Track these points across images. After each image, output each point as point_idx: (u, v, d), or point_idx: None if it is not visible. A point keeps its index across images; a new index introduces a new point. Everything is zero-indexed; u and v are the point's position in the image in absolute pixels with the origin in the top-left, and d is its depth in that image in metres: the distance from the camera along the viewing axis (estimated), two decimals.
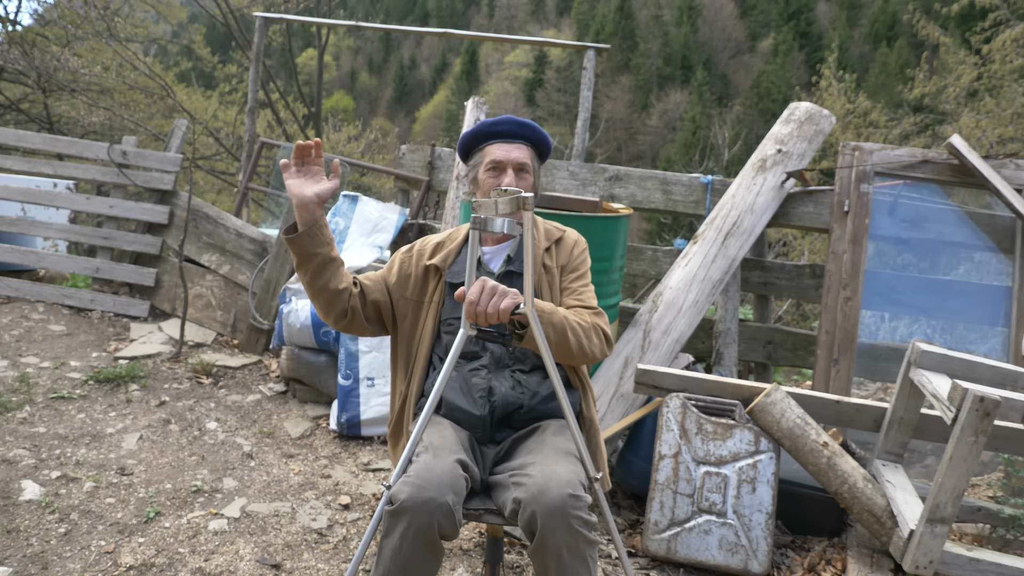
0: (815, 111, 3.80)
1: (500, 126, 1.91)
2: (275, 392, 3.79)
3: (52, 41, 10.99)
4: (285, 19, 6.53)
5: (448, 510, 1.50)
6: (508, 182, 1.85)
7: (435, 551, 1.53)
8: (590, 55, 5.27)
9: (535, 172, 1.93)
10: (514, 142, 1.91)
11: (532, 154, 1.93)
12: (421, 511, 1.48)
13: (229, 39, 12.90)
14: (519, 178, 1.88)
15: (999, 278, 3.55)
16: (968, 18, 14.93)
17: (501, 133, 1.91)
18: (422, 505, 1.48)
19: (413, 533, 1.49)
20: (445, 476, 1.54)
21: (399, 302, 1.92)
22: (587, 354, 1.74)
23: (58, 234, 4.75)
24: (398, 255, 1.98)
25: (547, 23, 58.77)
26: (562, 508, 1.48)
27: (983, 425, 2.01)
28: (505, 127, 1.91)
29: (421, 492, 1.49)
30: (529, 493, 1.52)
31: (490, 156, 1.89)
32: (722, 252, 3.44)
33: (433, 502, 1.49)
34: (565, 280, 1.92)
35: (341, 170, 5.23)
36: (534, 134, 1.93)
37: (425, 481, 1.51)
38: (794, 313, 9.33)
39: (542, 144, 1.96)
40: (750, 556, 2.46)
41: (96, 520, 2.52)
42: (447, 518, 1.50)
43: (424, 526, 1.49)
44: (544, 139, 1.95)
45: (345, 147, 16.19)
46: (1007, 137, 9.89)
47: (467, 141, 1.96)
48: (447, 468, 1.56)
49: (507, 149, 1.89)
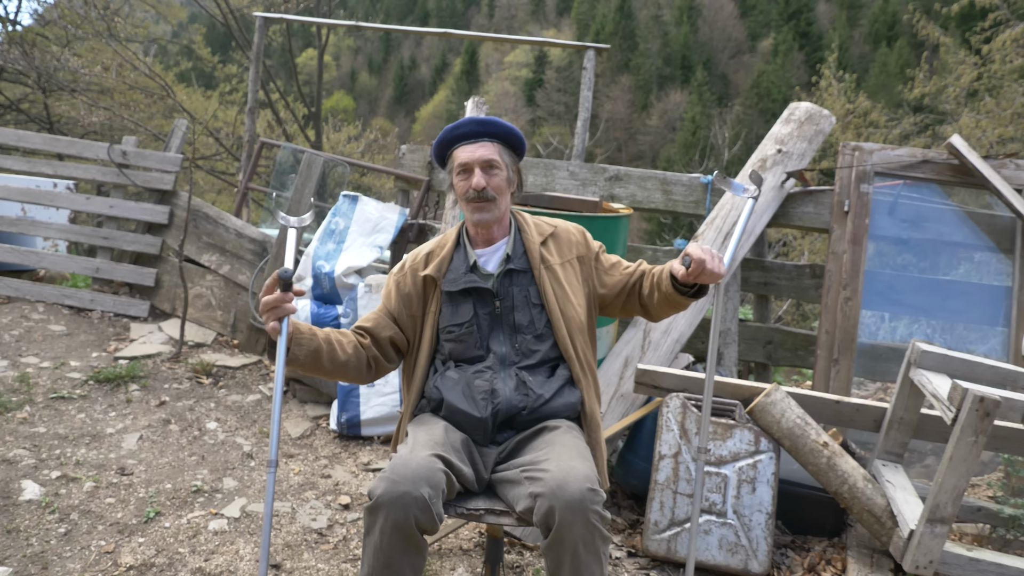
0: (815, 111, 3.80)
1: (461, 128, 1.89)
2: None
3: (52, 41, 10.99)
4: (285, 19, 6.53)
5: (424, 503, 1.51)
6: (476, 182, 1.84)
7: (416, 545, 1.54)
8: (590, 55, 5.27)
9: (508, 166, 1.90)
10: (478, 141, 1.89)
11: (501, 149, 1.90)
12: (396, 505, 1.50)
13: (229, 39, 12.89)
14: (489, 175, 1.86)
15: (999, 278, 3.55)
16: (968, 18, 14.92)
17: (464, 135, 1.90)
18: (397, 499, 1.50)
19: (391, 528, 1.51)
20: (420, 470, 1.55)
21: (407, 323, 1.92)
22: None
23: (58, 234, 4.75)
24: (391, 278, 1.97)
25: (547, 23, 58.76)
26: (581, 502, 1.49)
27: (983, 425, 2.01)
28: (466, 128, 1.89)
29: (396, 487, 1.51)
30: (547, 488, 1.53)
31: (457, 160, 1.89)
32: (722, 252, 3.44)
33: (408, 496, 1.50)
34: (600, 265, 1.95)
35: (341, 170, 5.25)
36: (497, 129, 1.90)
37: (400, 476, 1.53)
38: (794, 313, 9.33)
39: (509, 137, 1.91)
40: (750, 556, 2.46)
41: (96, 520, 2.52)
42: (423, 511, 1.51)
43: (401, 520, 1.50)
44: (510, 131, 1.91)
45: (345, 147, 16.19)
46: (1007, 137, 9.89)
47: (437, 150, 1.96)
48: (422, 462, 1.58)
49: (471, 150, 1.87)
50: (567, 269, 1.91)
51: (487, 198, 1.85)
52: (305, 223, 1.87)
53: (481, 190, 1.84)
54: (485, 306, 1.86)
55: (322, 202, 4.97)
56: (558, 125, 38.24)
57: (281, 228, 1.90)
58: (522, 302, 1.86)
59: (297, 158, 5.31)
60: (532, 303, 1.86)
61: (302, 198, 4.16)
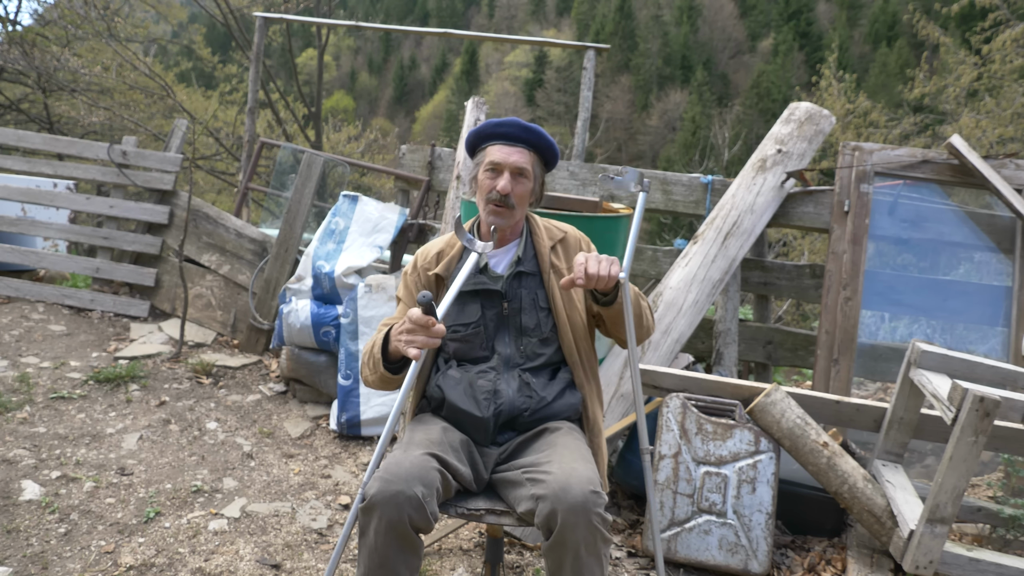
0: (815, 111, 3.80)
1: (503, 127, 1.87)
2: (275, 392, 3.79)
3: (52, 41, 10.98)
4: (285, 19, 6.53)
5: (418, 502, 1.51)
6: (503, 186, 1.81)
7: (411, 544, 1.54)
8: (590, 55, 5.27)
9: (536, 178, 1.88)
10: (516, 145, 1.86)
11: (535, 160, 1.88)
12: (390, 504, 1.50)
13: (229, 39, 12.89)
14: (516, 183, 1.83)
15: (999, 278, 3.55)
16: (968, 18, 14.93)
17: (504, 135, 1.87)
18: (391, 499, 1.50)
19: (385, 527, 1.51)
20: (414, 469, 1.55)
21: None
22: (646, 328, 1.88)
23: (58, 234, 4.75)
24: (406, 277, 1.97)
25: (547, 23, 58.76)
26: (583, 505, 1.49)
27: (983, 425, 2.01)
28: (508, 129, 1.87)
29: (389, 486, 1.51)
30: (550, 490, 1.53)
31: (490, 157, 1.86)
32: (722, 252, 3.44)
33: (401, 495, 1.50)
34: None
35: (341, 170, 5.25)
36: (539, 140, 1.87)
37: (393, 475, 1.53)
38: (794, 313, 9.33)
39: (547, 151, 1.90)
40: (750, 556, 2.46)
41: (96, 520, 2.52)
42: (417, 511, 1.51)
43: (395, 520, 1.50)
44: (549, 146, 1.89)
45: (345, 147, 16.19)
46: (1007, 137, 9.89)
47: (472, 139, 1.94)
48: (416, 461, 1.58)
49: (507, 152, 1.85)
50: None
51: (508, 205, 1.83)
52: (488, 248, 1.80)
53: (505, 195, 1.82)
54: (493, 307, 1.86)
55: (322, 202, 4.97)
56: (558, 125, 38.23)
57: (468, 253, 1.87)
58: (530, 305, 1.86)
59: (297, 158, 5.31)
60: (540, 307, 1.86)
61: (302, 198, 4.16)
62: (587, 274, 1.63)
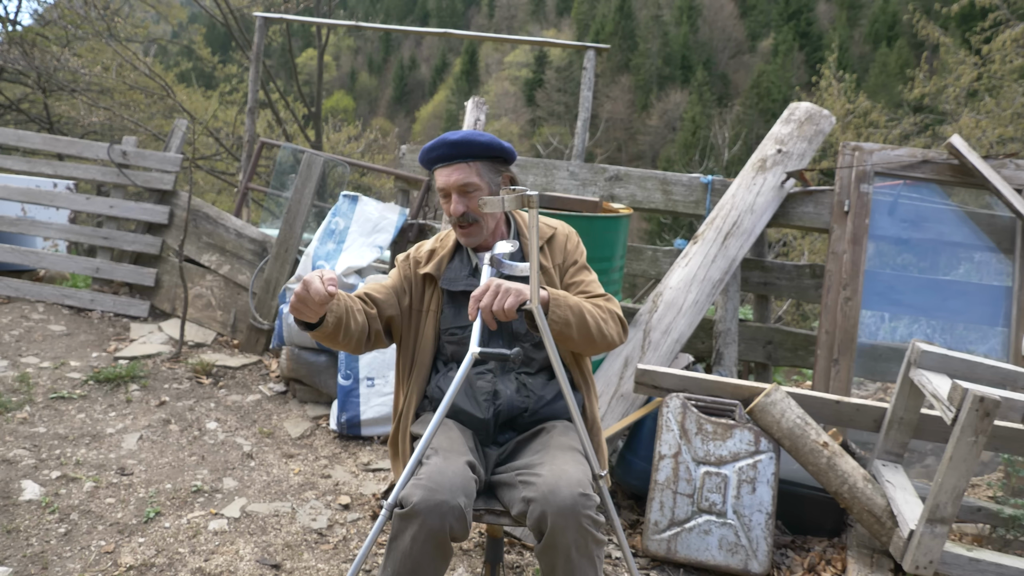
0: (815, 111, 3.80)
1: (435, 152, 1.83)
2: (275, 392, 3.79)
3: (52, 41, 10.99)
4: (285, 19, 6.53)
5: (460, 512, 1.50)
6: (454, 208, 1.81)
7: (445, 553, 1.53)
8: (590, 55, 5.27)
9: (490, 182, 1.83)
10: (452, 163, 1.82)
11: (480, 167, 1.82)
12: (433, 514, 1.48)
13: (229, 39, 12.89)
14: (467, 198, 1.81)
15: (999, 278, 3.55)
16: (968, 18, 14.93)
17: (439, 158, 1.83)
18: (435, 508, 1.48)
19: (424, 536, 1.49)
20: (457, 478, 1.54)
21: (404, 310, 1.91)
22: (607, 338, 1.74)
23: (58, 234, 4.75)
24: (398, 264, 1.97)
25: (547, 23, 58.75)
26: (573, 507, 1.49)
27: (983, 425, 2.01)
28: (440, 152, 1.82)
29: (433, 495, 1.49)
30: (539, 492, 1.52)
31: (436, 183, 1.86)
32: (722, 252, 3.44)
33: (445, 505, 1.48)
34: (566, 277, 1.90)
35: (341, 170, 5.25)
36: (471, 148, 1.81)
37: (437, 484, 1.51)
38: (794, 313, 9.32)
39: (488, 152, 1.83)
40: (750, 556, 2.46)
41: (96, 520, 2.52)
42: (459, 521, 1.50)
43: (436, 528, 1.48)
44: (486, 148, 1.82)
45: (345, 147, 16.20)
46: (1007, 137, 9.89)
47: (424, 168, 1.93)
48: (458, 470, 1.56)
49: (447, 174, 1.82)
50: (558, 273, 1.90)
51: (469, 221, 1.83)
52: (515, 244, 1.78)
53: (460, 215, 1.81)
54: None
55: (322, 202, 4.97)
56: (558, 125, 38.25)
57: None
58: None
59: (297, 158, 5.31)
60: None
61: (302, 198, 4.16)
62: (480, 309, 1.58)
